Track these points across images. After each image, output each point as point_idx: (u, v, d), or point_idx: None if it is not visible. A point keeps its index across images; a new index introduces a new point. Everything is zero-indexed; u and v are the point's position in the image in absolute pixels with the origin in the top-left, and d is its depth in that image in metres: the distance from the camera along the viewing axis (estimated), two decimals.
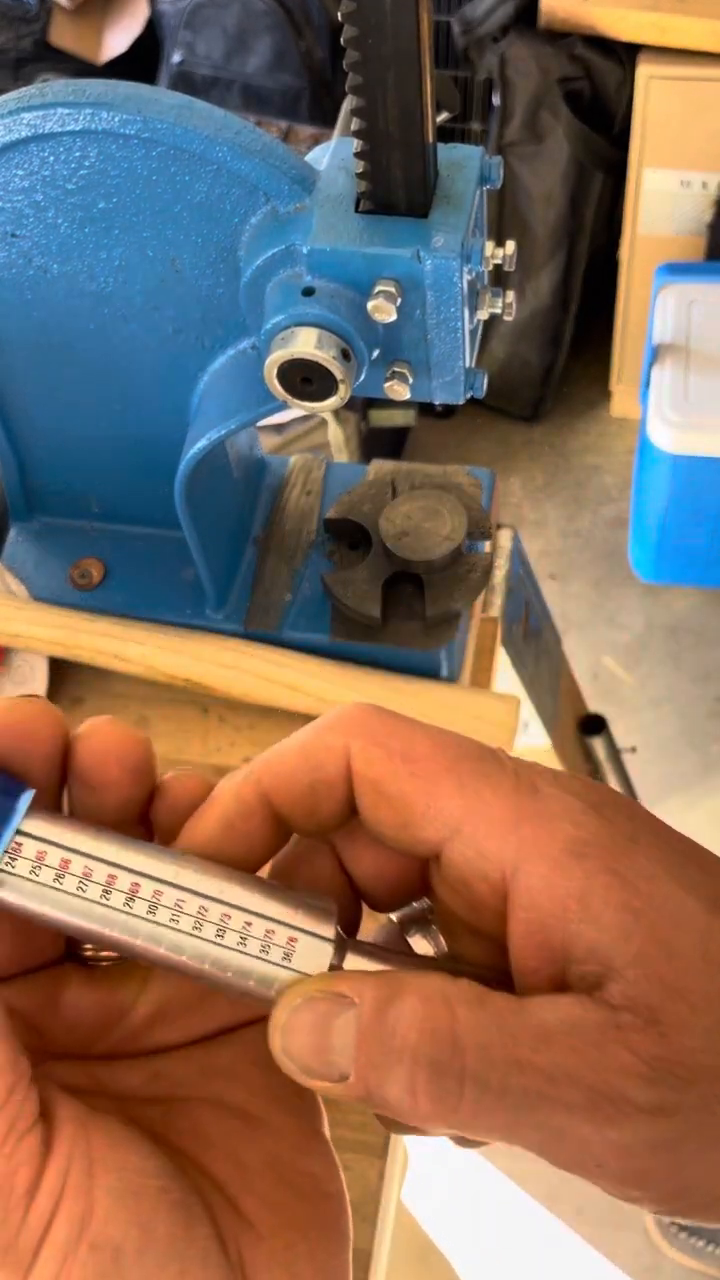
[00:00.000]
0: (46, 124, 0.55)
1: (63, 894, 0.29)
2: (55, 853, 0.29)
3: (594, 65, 1.79)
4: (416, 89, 0.49)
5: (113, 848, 0.30)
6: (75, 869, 0.29)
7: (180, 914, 0.29)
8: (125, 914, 0.29)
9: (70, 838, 0.29)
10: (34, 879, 0.29)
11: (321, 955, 0.29)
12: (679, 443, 1.60)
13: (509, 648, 0.84)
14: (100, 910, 0.29)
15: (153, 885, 0.29)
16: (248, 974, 0.29)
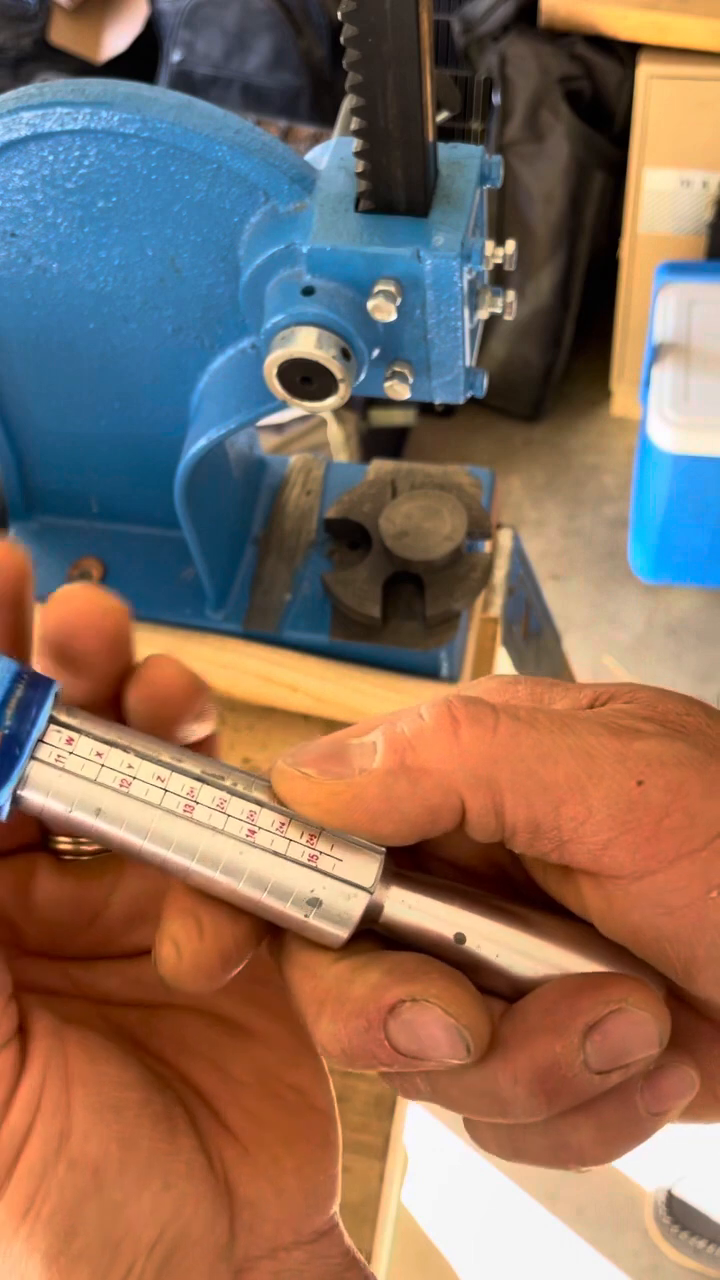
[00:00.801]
0: (46, 123, 0.55)
1: (93, 784, 0.27)
2: (87, 742, 0.28)
3: (594, 64, 1.79)
4: (416, 88, 0.49)
5: (157, 748, 0.28)
6: (112, 761, 0.28)
7: (226, 815, 0.28)
8: (155, 808, 0.28)
9: (102, 729, 0.28)
10: (75, 772, 0.27)
11: (371, 865, 0.28)
12: (679, 442, 1.60)
13: (509, 648, 0.84)
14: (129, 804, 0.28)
15: (191, 782, 0.28)
16: (291, 883, 0.28)
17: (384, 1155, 0.62)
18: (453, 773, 0.27)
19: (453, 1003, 0.26)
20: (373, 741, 0.28)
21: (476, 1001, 0.27)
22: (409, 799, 0.27)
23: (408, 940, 0.28)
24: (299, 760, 0.28)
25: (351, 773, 0.27)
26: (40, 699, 0.27)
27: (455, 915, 0.28)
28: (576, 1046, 0.26)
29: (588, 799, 0.26)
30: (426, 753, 0.27)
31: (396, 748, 0.27)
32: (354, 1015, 0.27)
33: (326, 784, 0.27)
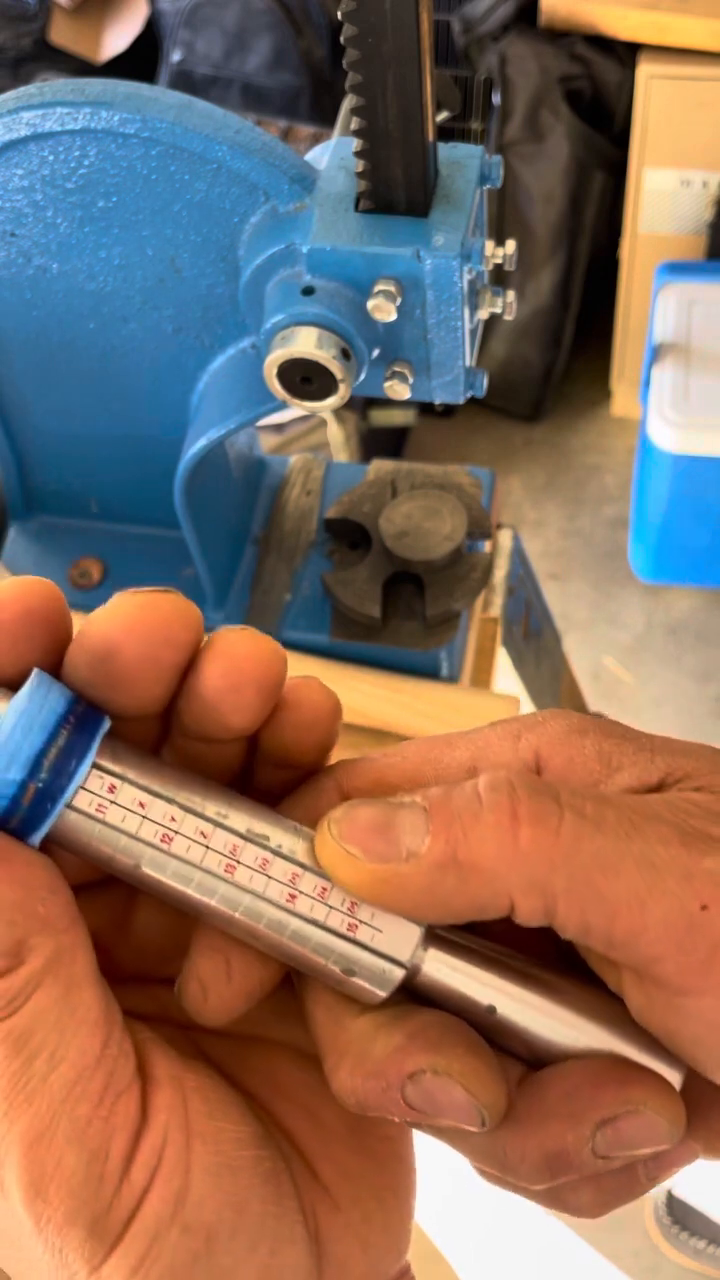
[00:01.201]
0: (46, 123, 0.55)
1: (133, 839, 0.26)
2: (130, 791, 0.26)
3: (594, 64, 1.79)
4: (416, 88, 0.49)
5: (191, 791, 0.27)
6: (155, 814, 0.26)
7: (268, 878, 0.27)
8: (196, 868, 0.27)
9: (147, 777, 0.27)
10: (115, 825, 0.26)
11: (409, 939, 0.27)
12: (680, 442, 1.60)
13: (509, 648, 0.84)
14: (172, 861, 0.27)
15: (234, 840, 0.27)
16: (328, 952, 0.27)
17: None
18: (506, 875, 0.25)
19: (473, 1080, 0.26)
20: (423, 811, 0.26)
21: (497, 1079, 0.26)
22: (456, 894, 0.26)
23: (439, 1000, 0.28)
24: (343, 833, 0.26)
25: (398, 855, 0.26)
26: (85, 743, 0.26)
27: (489, 984, 0.28)
28: (587, 1136, 0.26)
29: (646, 915, 0.25)
30: (480, 849, 0.25)
31: (449, 837, 0.25)
32: (373, 1075, 0.26)
33: (369, 867, 0.26)
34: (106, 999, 0.26)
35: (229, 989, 0.28)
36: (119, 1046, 0.25)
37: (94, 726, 0.26)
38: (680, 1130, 0.26)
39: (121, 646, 0.26)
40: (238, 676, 0.27)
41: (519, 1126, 0.26)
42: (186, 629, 0.27)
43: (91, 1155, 0.24)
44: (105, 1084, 0.25)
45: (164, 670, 0.27)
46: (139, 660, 0.26)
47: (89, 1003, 0.25)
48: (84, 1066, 0.25)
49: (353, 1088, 0.27)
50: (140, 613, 0.26)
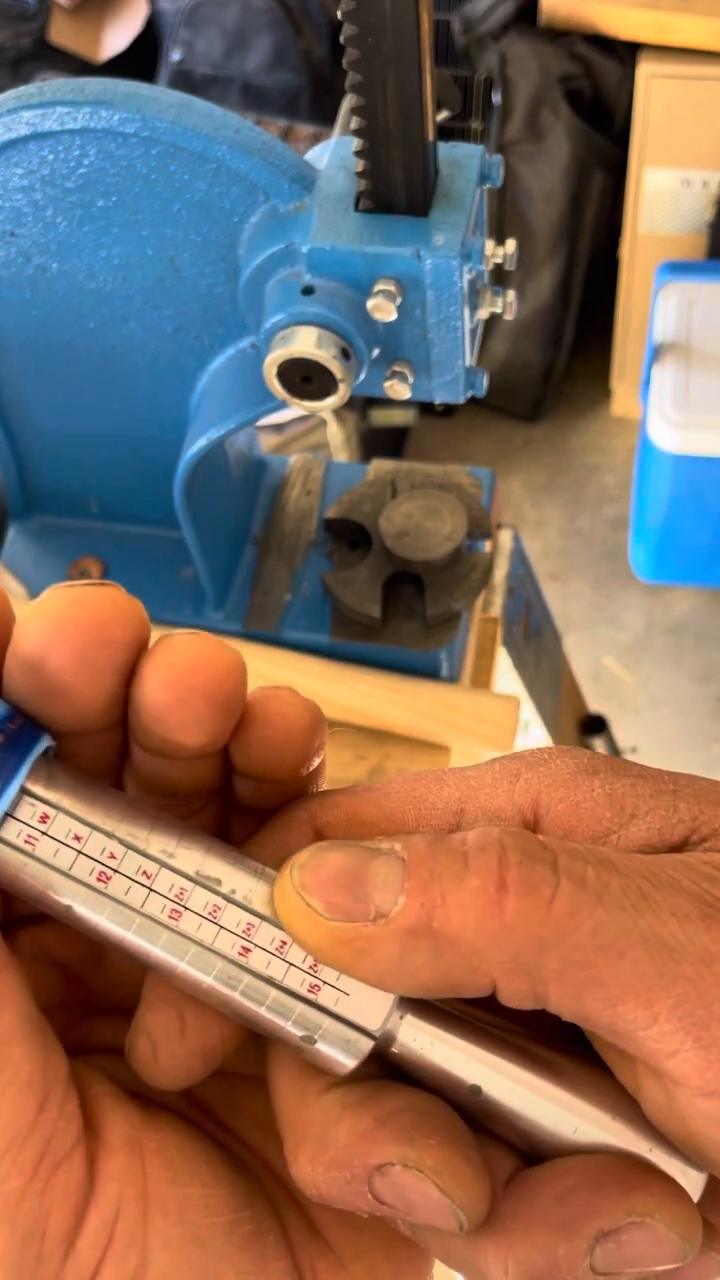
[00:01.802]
0: (46, 122, 0.55)
1: (66, 877, 0.24)
2: (65, 822, 0.24)
3: (594, 64, 1.79)
4: (417, 87, 0.49)
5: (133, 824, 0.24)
6: (91, 849, 0.24)
7: (218, 927, 0.24)
8: (136, 912, 0.24)
9: (86, 807, 0.24)
10: (45, 859, 0.24)
11: (380, 1005, 0.24)
12: (680, 442, 1.60)
13: (509, 648, 0.84)
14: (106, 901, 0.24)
15: (181, 882, 0.24)
16: (285, 1013, 0.24)
17: None
18: (487, 952, 0.22)
19: (449, 1177, 0.22)
20: (400, 863, 0.22)
21: (477, 1176, 0.22)
22: (427, 969, 0.22)
23: (416, 1075, 0.25)
24: (305, 883, 0.23)
25: (364, 914, 0.22)
26: (15, 763, 0.23)
27: (475, 1058, 0.24)
28: (583, 1251, 0.22)
29: (655, 1004, 0.21)
30: (459, 919, 0.22)
31: (425, 900, 0.22)
32: (336, 1165, 0.23)
33: (330, 929, 0.23)
34: (44, 1055, 0.22)
35: (182, 1046, 0.24)
36: (59, 1109, 0.22)
37: (28, 745, 0.23)
38: (695, 1246, 0.22)
39: (51, 649, 0.23)
40: (181, 688, 0.23)
41: (503, 1232, 0.23)
42: (125, 627, 0.24)
43: (25, 1235, 0.21)
44: (40, 1153, 0.22)
45: (102, 675, 0.23)
46: (73, 664, 0.23)
47: (17, 1062, 0.22)
48: (14, 1135, 0.22)
49: (313, 1177, 0.23)
50: (71, 610, 0.23)
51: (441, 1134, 0.23)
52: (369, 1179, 0.22)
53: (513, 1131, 0.24)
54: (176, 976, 0.24)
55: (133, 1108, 0.24)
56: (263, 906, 0.24)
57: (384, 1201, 0.23)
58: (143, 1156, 0.23)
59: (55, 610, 0.23)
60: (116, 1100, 0.24)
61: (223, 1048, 0.25)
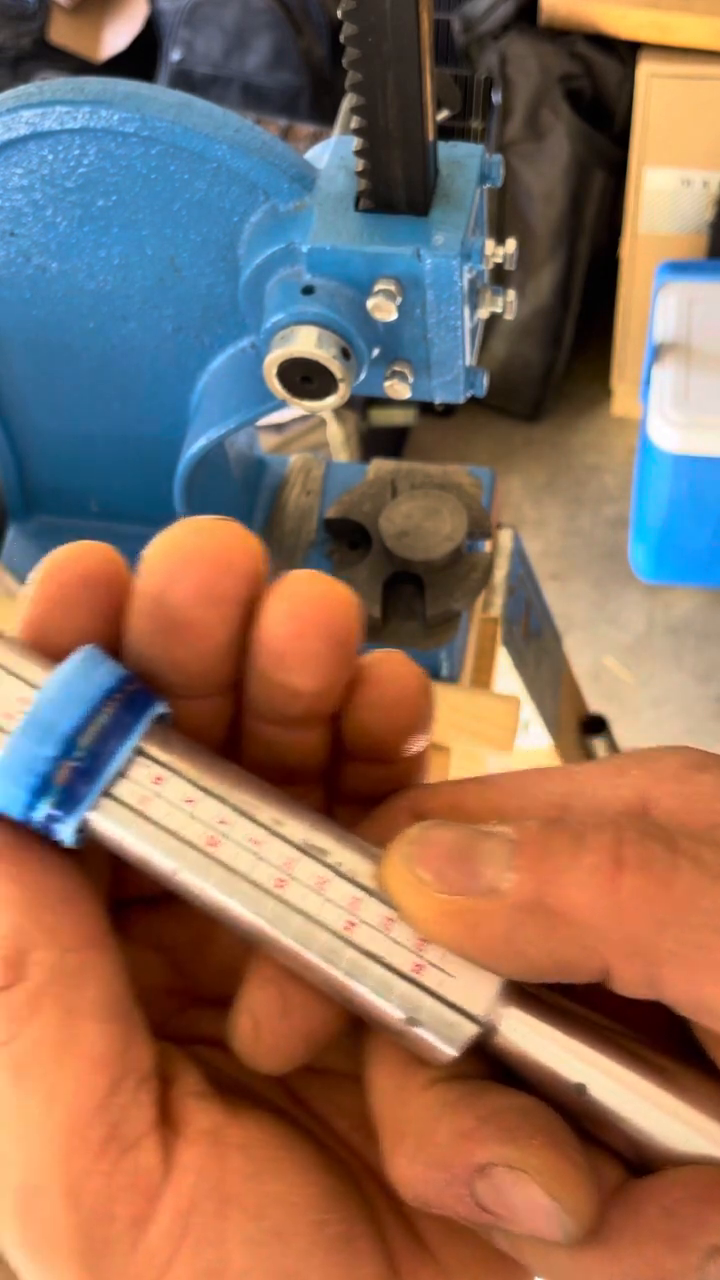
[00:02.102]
0: (45, 122, 0.55)
1: (176, 839, 0.23)
2: (177, 784, 0.23)
3: (595, 63, 1.79)
4: (417, 87, 0.49)
5: (243, 791, 0.24)
6: (203, 813, 0.23)
7: (324, 899, 0.23)
8: (243, 878, 0.23)
9: (199, 771, 0.24)
10: (157, 820, 0.23)
11: (485, 990, 0.23)
12: (680, 442, 1.60)
13: (510, 648, 0.83)
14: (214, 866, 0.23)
15: (289, 852, 0.23)
16: (387, 992, 0.23)
17: None
18: (601, 930, 0.21)
19: (556, 1180, 0.21)
20: (509, 843, 0.22)
21: (586, 1181, 0.21)
22: (537, 945, 0.21)
23: (519, 1071, 0.24)
24: (415, 855, 0.23)
25: (475, 888, 0.22)
26: (131, 723, 0.23)
27: (581, 1056, 0.23)
28: (694, 1266, 0.21)
29: None
30: (573, 894, 0.21)
31: (538, 876, 0.21)
32: (435, 1165, 0.22)
33: (441, 901, 0.22)
34: (124, 1039, 0.22)
35: (284, 1026, 0.24)
36: (131, 1094, 0.22)
37: (144, 707, 0.23)
38: None
39: (176, 580, 0.23)
40: (301, 621, 0.23)
41: (609, 1245, 0.21)
42: (247, 557, 0.23)
43: (90, 1215, 0.21)
44: (108, 1134, 0.21)
45: (225, 606, 0.23)
46: (196, 594, 0.23)
47: (92, 1037, 0.22)
48: (81, 1110, 0.21)
49: (411, 1177, 0.22)
50: (195, 539, 0.23)
51: (547, 1135, 0.22)
52: (470, 1181, 0.21)
53: (619, 1138, 0.23)
54: (279, 949, 0.23)
55: (219, 1102, 0.23)
56: (369, 881, 0.24)
57: (485, 1206, 0.22)
58: (223, 1151, 0.22)
59: (179, 541, 0.23)
60: (203, 1094, 0.23)
61: (325, 1031, 0.24)
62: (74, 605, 0.24)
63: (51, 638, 0.24)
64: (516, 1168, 0.21)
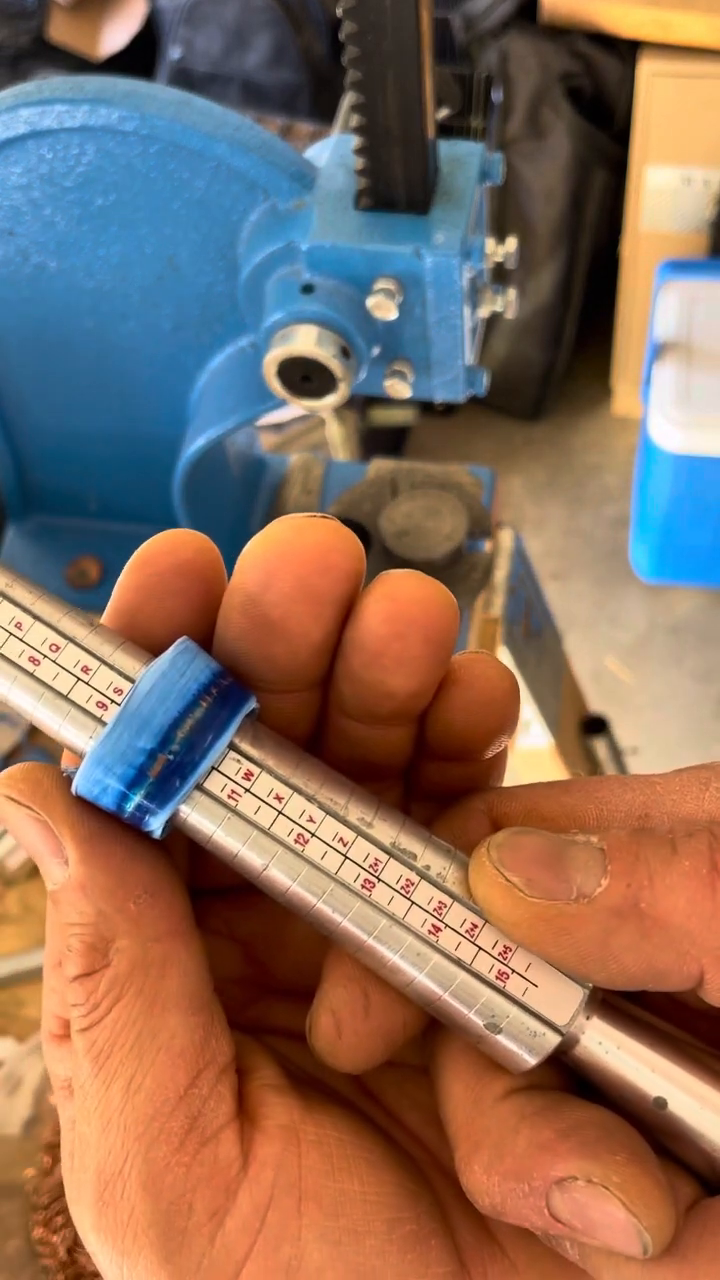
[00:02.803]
0: (44, 120, 0.55)
1: (265, 835, 0.23)
2: (267, 781, 0.23)
3: (595, 61, 1.79)
4: (417, 85, 0.48)
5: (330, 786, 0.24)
6: (292, 810, 0.23)
7: (410, 902, 0.23)
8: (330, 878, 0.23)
9: (288, 768, 0.24)
10: (246, 815, 0.23)
11: (569, 1000, 0.23)
12: (681, 441, 1.60)
13: (510, 648, 0.83)
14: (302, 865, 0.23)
15: (376, 853, 0.23)
16: (471, 999, 0.23)
17: None
18: (698, 937, 0.21)
19: (638, 1197, 0.21)
20: (599, 852, 0.22)
21: (665, 1197, 0.21)
22: (631, 951, 0.21)
23: (597, 1082, 0.24)
24: (505, 860, 0.22)
25: (567, 893, 0.22)
26: (225, 719, 0.23)
27: (663, 1071, 0.23)
28: None
29: None
30: (669, 899, 0.21)
31: (631, 880, 0.21)
32: (513, 1175, 0.22)
33: (531, 905, 0.22)
34: (206, 1031, 0.22)
35: (365, 1026, 0.24)
36: (211, 1086, 0.22)
37: (238, 703, 0.24)
38: None
39: (275, 576, 0.23)
40: (402, 622, 0.23)
41: (686, 1261, 0.21)
42: (346, 556, 0.23)
43: (170, 1206, 0.21)
44: (188, 1126, 0.21)
45: (322, 605, 0.23)
46: (295, 591, 0.23)
47: (174, 1028, 0.22)
48: (162, 1101, 0.21)
49: (488, 1186, 0.22)
50: (295, 537, 0.23)
51: (628, 1151, 0.22)
52: (547, 1193, 0.21)
53: (697, 1155, 0.23)
54: (363, 950, 0.23)
55: (295, 1096, 0.23)
56: (456, 886, 0.23)
57: (561, 1219, 0.21)
58: (300, 1146, 0.22)
59: (279, 538, 0.23)
60: (279, 1087, 0.23)
61: (405, 1032, 0.24)
62: (167, 594, 0.24)
63: (141, 625, 0.24)
64: (597, 1183, 0.21)
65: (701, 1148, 0.23)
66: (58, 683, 0.24)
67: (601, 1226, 0.21)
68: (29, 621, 0.24)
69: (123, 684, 0.23)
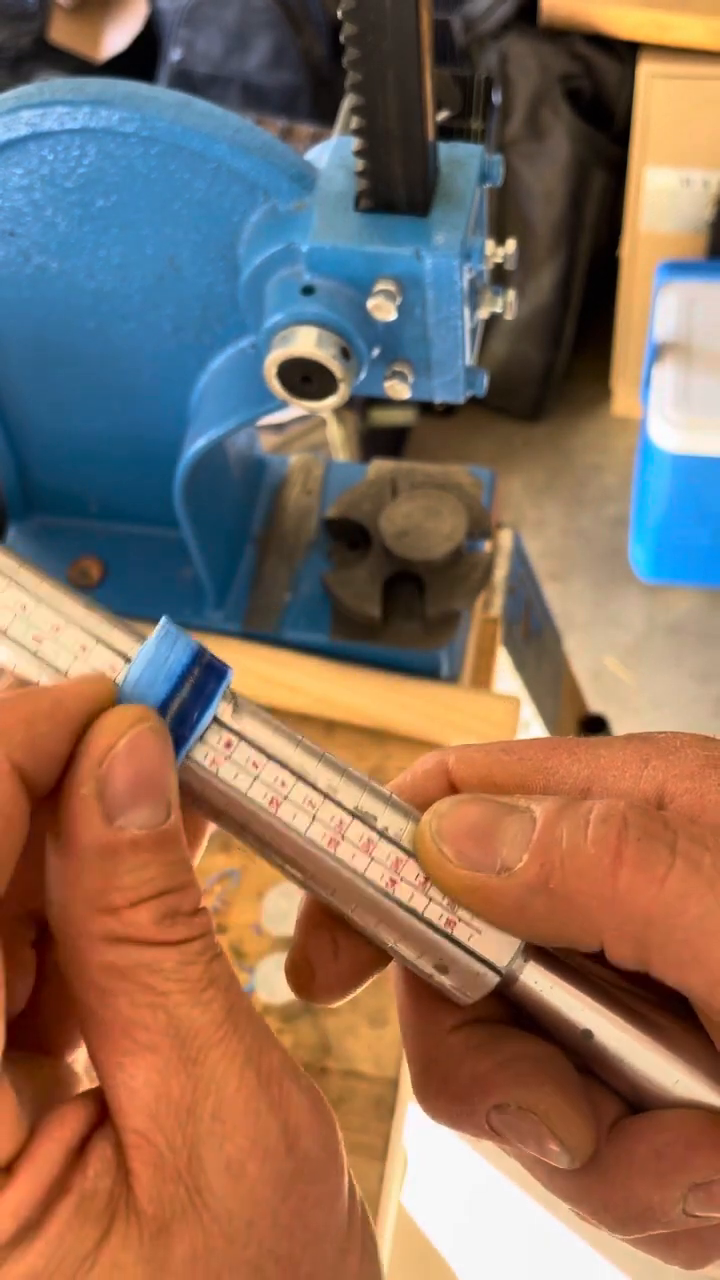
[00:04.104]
0: (45, 122, 0.55)
1: (243, 798, 0.26)
2: (245, 750, 0.26)
3: (595, 63, 1.79)
4: (416, 87, 0.49)
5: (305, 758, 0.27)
6: (266, 776, 0.26)
7: (370, 858, 0.26)
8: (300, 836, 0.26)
9: (264, 738, 0.26)
10: (227, 781, 0.26)
11: (508, 945, 0.26)
12: (680, 442, 1.60)
13: (510, 648, 0.83)
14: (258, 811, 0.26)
15: (341, 814, 0.26)
16: (423, 944, 0.26)
17: (384, 1156, 0.62)
18: (598, 917, 0.24)
19: (559, 1121, 0.25)
20: (532, 822, 0.25)
21: (584, 1122, 0.25)
22: (544, 921, 0.24)
23: (535, 1015, 0.27)
24: (442, 832, 0.25)
25: (491, 865, 0.25)
26: (209, 694, 0.26)
27: (588, 1006, 0.26)
28: (676, 1200, 0.24)
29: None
30: (576, 881, 0.24)
31: (544, 861, 0.24)
32: (458, 1099, 0.26)
33: (461, 875, 0.25)
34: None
35: (335, 967, 0.27)
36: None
37: (217, 678, 0.26)
38: None
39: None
40: None
41: (604, 1176, 0.25)
42: None
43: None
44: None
45: None
46: None
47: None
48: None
49: (437, 1107, 0.26)
50: None
51: (554, 1083, 0.25)
52: (487, 1115, 0.25)
53: (618, 1079, 0.26)
54: (329, 900, 0.27)
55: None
56: (410, 844, 0.27)
57: (498, 1133, 0.25)
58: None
59: None
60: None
61: (371, 969, 0.28)
62: None
63: None
64: (526, 1109, 0.25)
65: (621, 1073, 0.26)
66: (59, 661, 0.26)
67: (531, 1143, 0.25)
68: (34, 604, 0.26)
69: (118, 661, 0.26)
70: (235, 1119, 0.23)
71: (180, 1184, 0.22)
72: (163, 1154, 0.22)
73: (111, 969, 0.23)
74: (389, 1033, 0.65)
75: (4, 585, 0.26)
